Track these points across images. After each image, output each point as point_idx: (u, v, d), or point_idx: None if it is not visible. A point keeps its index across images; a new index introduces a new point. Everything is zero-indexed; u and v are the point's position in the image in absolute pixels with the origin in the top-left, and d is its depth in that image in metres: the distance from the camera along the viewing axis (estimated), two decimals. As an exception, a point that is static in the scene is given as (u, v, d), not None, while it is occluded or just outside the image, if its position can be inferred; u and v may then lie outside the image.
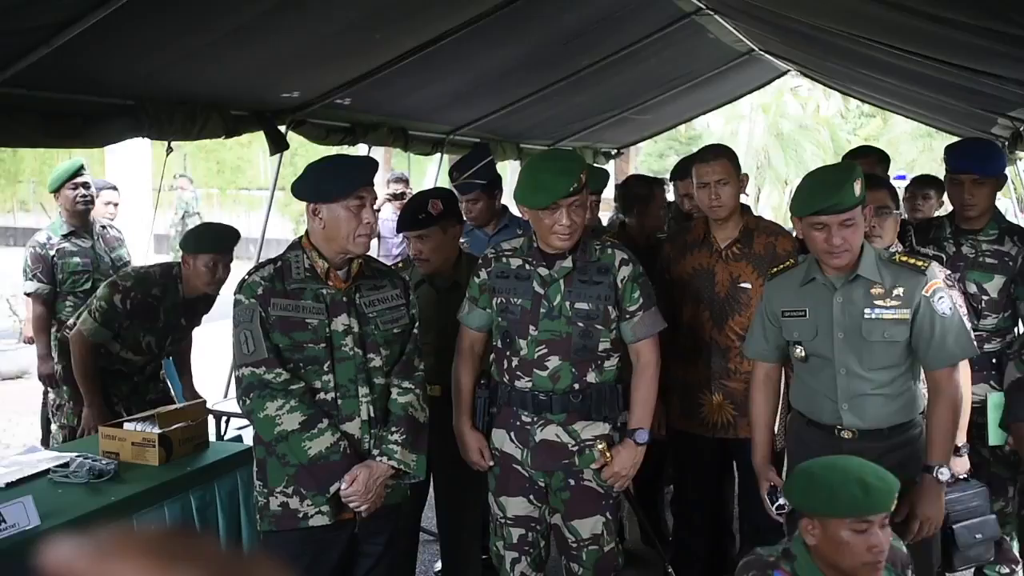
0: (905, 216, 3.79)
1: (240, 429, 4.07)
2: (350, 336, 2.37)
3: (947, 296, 2.38)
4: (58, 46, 2.71)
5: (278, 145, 4.49)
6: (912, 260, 2.42)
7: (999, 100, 4.14)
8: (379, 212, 5.75)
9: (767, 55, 6.82)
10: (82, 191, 4.17)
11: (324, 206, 2.32)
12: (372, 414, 2.40)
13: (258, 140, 4.68)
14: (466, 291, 2.71)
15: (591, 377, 2.54)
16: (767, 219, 3.30)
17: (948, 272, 2.77)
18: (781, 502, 2.58)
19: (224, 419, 4.28)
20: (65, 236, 4.18)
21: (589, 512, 2.59)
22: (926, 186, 4.71)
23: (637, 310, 2.57)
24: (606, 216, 6.19)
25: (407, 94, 4.99)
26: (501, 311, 2.59)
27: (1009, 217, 3.61)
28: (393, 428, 2.41)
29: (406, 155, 6.42)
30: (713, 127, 21.32)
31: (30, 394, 5.31)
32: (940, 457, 2.35)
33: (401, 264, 3.23)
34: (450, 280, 3.06)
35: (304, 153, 8.10)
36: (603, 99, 6.66)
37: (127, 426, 2.81)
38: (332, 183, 2.33)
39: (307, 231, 2.41)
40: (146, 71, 3.48)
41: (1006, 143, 5.18)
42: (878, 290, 2.37)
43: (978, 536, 2.48)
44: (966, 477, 2.66)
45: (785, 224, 3.42)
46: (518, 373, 2.56)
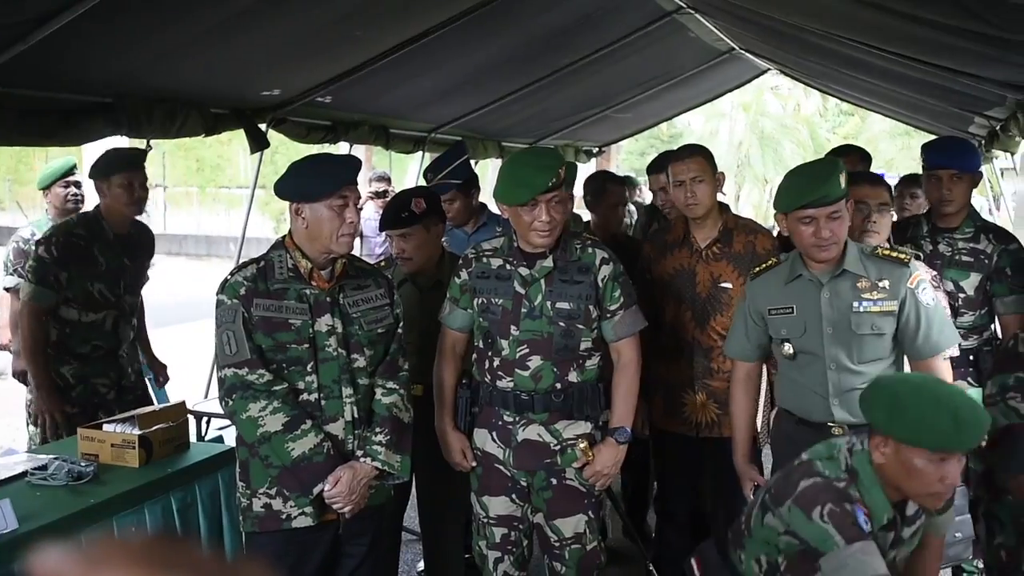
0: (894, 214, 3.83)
1: (221, 430, 4.04)
2: (334, 336, 2.36)
3: (930, 287, 2.43)
4: (35, 43, 2.69)
5: (258, 143, 4.46)
6: (894, 253, 2.47)
7: (976, 99, 4.19)
8: (361, 211, 5.73)
9: (747, 54, 6.85)
10: (73, 190, 4.18)
11: (307, 206, 2.31)
12: (356, 415, 2.39)
13: (238, 138, 4.65)
14: (448, 290, 2.71)
15: (573, 376, 2.55)
16: (745, 217, 3.31)
17: (934, 273, 2.80)
18: None
19: (205, 420, 4.25)
20: None
21: (571, 511, 2.59)
22: (914, 184, 4.75)
23: (618, 309, 2.58)
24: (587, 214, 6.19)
25: (388, 92, 4.98)
26: (482, 311, 2.59)
27: (984, 215, 3.65)
28: (377, 429, 2.40)
29: (388, 153, 6.41)
30: (694, 126, 21.42)
31: (6, 395, 5.26)
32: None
33: (384, 263, 3.22)
34: (433, 279, 3.06)
35: (285, 151, 8.06)
36: (584, 97, 6.67)
37: (106, 427, 2.78)
38: (315, 182, 2.31)
39: (290, 231, 2.40)
40: (124, 68, 3.44)
41: (982, 141, 5.24)
42: (864, 283, 2.40)
43: (957, 535, 2.50)
44: None
45: (765, 222, 3.44)
46: (500, 373, 2.56)
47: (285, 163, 2.47)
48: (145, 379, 3.76)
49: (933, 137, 5.33)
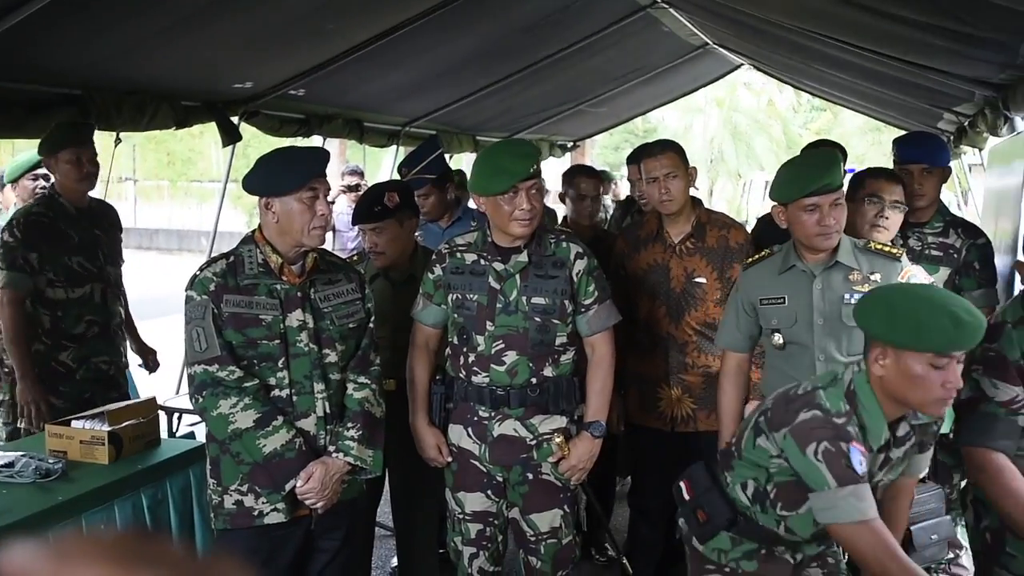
0: None
1: (192, 426, 4.01)
2: (305, 332, 2.34)
3: (920, 283, 2.45)
4: (1, 32, 2.64)
5: (230, 136, 4.42)
6: (887, 248, 2.50)
7: (945, 95, 4.25)
8: (334, 205, 5.69)
9: (721, 49, 6.89)
10: (42, 182, 4.10)
11: (277, 199, 2.29)
12: (328, 410, 2.37)
13: (210, 131, 4.60)
14: (420, 286, 2.70)
15: (548, 371, 2.55)
16: (718, 212, 3.33)
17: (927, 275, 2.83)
18: None
19: (176, 416, 4.22)
20: None
21: (547, 505, 2.59)
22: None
23: (592, 303, 2.58)
24: (561, 210, 6.20)
25: (362, 85, 4.95)
26: (457, 307, 2.58)
27: (953, 210, 3.69)
28: (349, 424, 2.39)
29: (361, 147, 6.37)
30: (668, 121, 21.53)
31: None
32: (909, 490, 2.39)
33: (356, 258, 3.20)
34: (406, 273, 3.04)
35: (257, 145, 7.98)
36: (559, 91, 6.68)
37: (75, 424, 2.74)
38: (284, 176, 2.29)
39: (260, 225, 2.38)
40: (94, 59, 3.40)
41: (951, 137, 5.31)
42: (856, 276, 2.43)
43: (934, 537, 2.52)
44: (923, 479, 2.71)
45: (738, 217, 3.46)
46: (475, 369, 2.56)
47: (257, 156, 2.44)
48: (138, 366, 3.72)
49: (904, 132, 5.39)
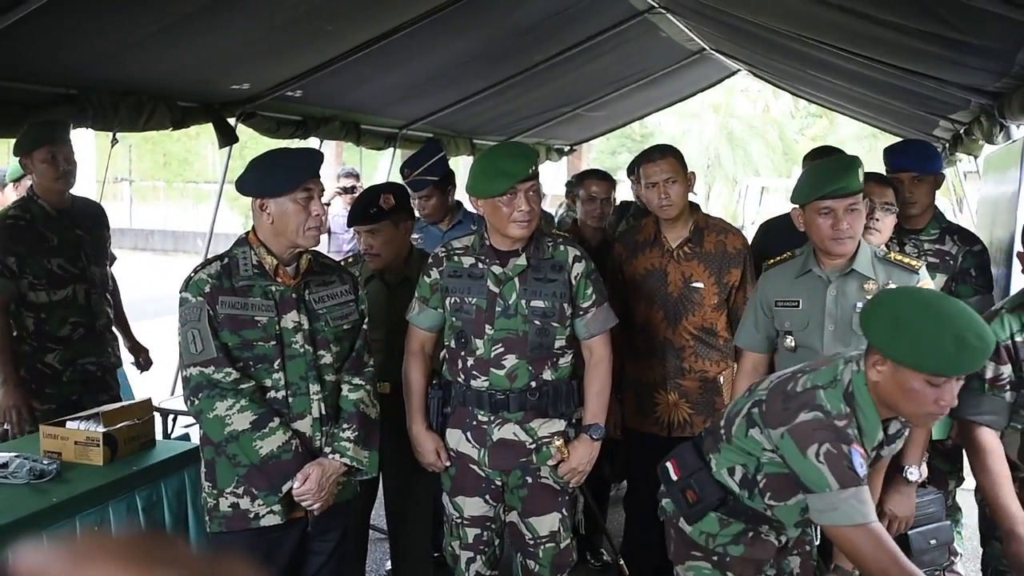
0: None
1: (187, 427, 4.00)
2: (300, 333, 2.34)
3: None
4: (-3, 33, 2.63)
5: (227, 138, 4.41)
6: (906, 260, 2.51)
7: (941, 103, 4.26)
8: (330, 207, 5.68)
9: (718, 54, 6.90)
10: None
11: (271, 201, 2.28)
12: (323, 411, 2.37)
13: (206, 132, 4.60)
14: (416, 289, 2.69)
15: (547, 374, 2.55)
16: (716, 217, 3.33)
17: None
18: None
19: (171, 417, 4.20)
20: None
21: (546, 509, 2.59)
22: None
23: (590, 306, 2.58)
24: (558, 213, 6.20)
25: (359, 88, 4.95)
26: (455, 311, 2.57)
27: (949, 217, 3.71)
28: (344, 425, 2.39)
29: (358, 150, 6.37)
30: (665, 126, 21.56)
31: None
32: (913, 459, 2.41)
33: (352, 260, 3.19)
34: (401, 276, 3.04)
35: (254, 146, 7.96)
36: (556, 95, 6.69)
37: (70, 425, 2.73)
38: (278, 177, 2.29)
39: (254, 226, 2.37)
40: (90, 60, 3.39)
41: (947, 144, 5.32)
42: (871, 285, 2.44)
43: (932, 542, 2.53)
44: (922, 483, 2.72)
45: (735, 222, 3.46)
46: (474, 373, 2.55)
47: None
48: (117, 372, 3.69)
49: (898, 140, 5.40)
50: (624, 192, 5.53)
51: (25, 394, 3.23)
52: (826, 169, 2.48)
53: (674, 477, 2.19)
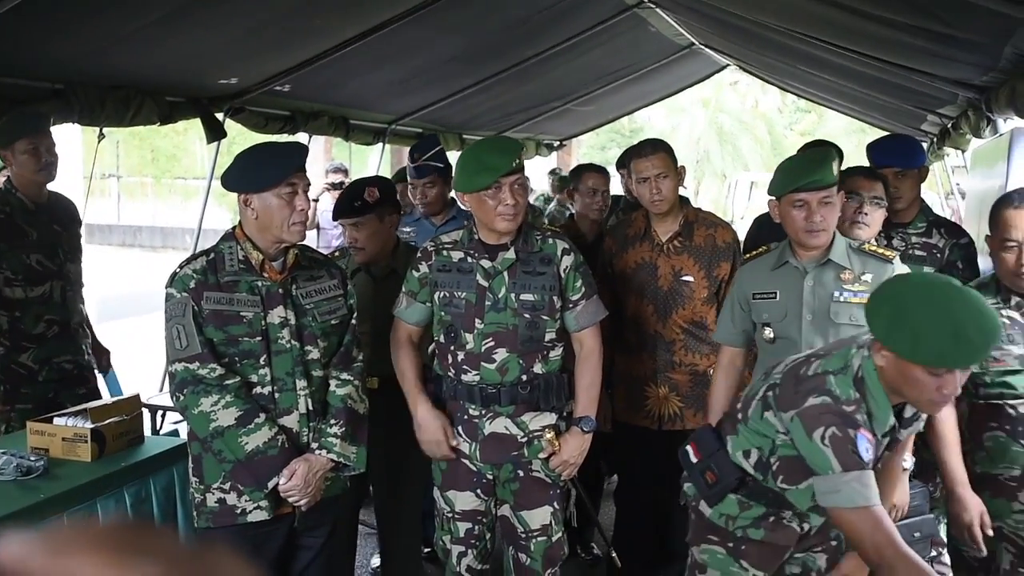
0: None
1: (176, 423, 3.99)
2: (287, 328, 2.33)
3: None
4: (-19, 27, 2.61)
5: (215, 133, 4.39)
6: (880, 250, 2.53)
7: (929, 97, 4.27)
8: (318, 203, 5.66)
9: (707, 49, 6.91)
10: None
11: (255, 196, 2.27)
12: (310, 407, 2.36)
13: (194, 127, 4.57)
14: (403, 283, 2.66)
15: (538, 368, 2.55)
16: (706, 211, 3.34)
17: None
18: None
19: (160, 413, 4.19)
20: None
21: (538, 503, 2.59)
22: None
23: (580, 299, 2.58)
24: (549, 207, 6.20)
25: (348, 82, 4.93)
26: (444, 305, 2.56)
27: (936, 210, 3.72)
28: (332, 420, 2.38)
29: (347, 145, 6.35)
30: (655, 121, 21.57)
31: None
32: (907, 447, 2.41)
33: (338, 254, 3.18)
34: (387, 269, 3.03)
35: (242, 142, 7.93)
36: (546, 90, 6.68)
37: (57, 421, 2.71)
38: (262, 171, 2.27)
39: (240, 221, 2.36)
40: (76, 54, 3.36)
41: (935, 139, 5.34)
42: (848, 275, 2.47)
43: (916, 534, 2.54)
44: (909, 477, 2.74)
45: (724, 216, 3.47)
46: (464, 367, 2.55)
47: (241, 153, 2.41)
48: (94, 369, 3.66)
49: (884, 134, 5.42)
50: (614, 186, 5.53)
51: (9, 392, 3.19)
52: (800, 162, 2.51)
53: (694, 460, 2.21)
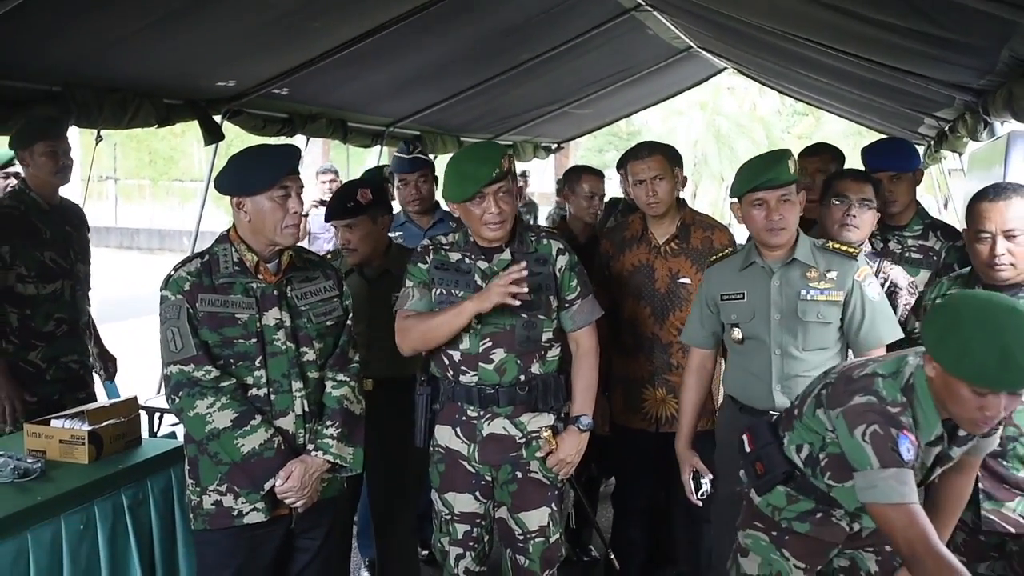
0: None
1: (174, 426, 3.98)
2: (282, 330, 2.33)
3: (875, 282, 2.54)
4: (-21, 29, 2.61)
5: (213, 135, 4.39)
6: (844, 247, 2.57)
7: (926, 100, 4.28)
8: (307, 217, 5.65)
9: (704, 52, 6.92)
10: (13, 181, 4.04)
11: (248, 199, 2.27)
12: (307, 408, 2.36)
13: (192, 130, 4.57)
14: (403, 280, 2.60)
15: (535, 368, 2.55)
16: (703, 213, 3.35)
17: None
18: (705, 488, 2.65)
19: (157, 416, 4.19)
20: None
21: (536, 504, 2.59)
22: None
23: (576, 298, 2.59)
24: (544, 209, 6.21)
25: (346, 85, 4.94)
26: (440, 303, 2.55)
27: (933, 213, 3.73)
28: (328, 422, 2.38)
29: (345, 147, 6.35)
30: (652, 124, 21.58)
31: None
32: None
33: (331, 256, 3.17)
34: (381, 269, 3.03)
35: (240, 144, 7.91)
36: (543, 93, 6.69)
37: (54, 423, 2.71)
38: (254, 175, 2.27)
39: (234, 224, 2.36)
40: (74, 56, 3.37)
41: (932, 142, 5.35)
42: (813, 273, 2.50)
43: None
44: None
45: (722, 219, 3.47)
46: (462, 368, 2.55)
47: (238, 155, 2.41)
48: (93, 372, 3.66)
49: (881, 137, 5.43)
50: (612, 188, 5.53)
51: (17, 385, 3.20)
52: (757, 163, 2.55)
53: (747, 449, 2.25)
